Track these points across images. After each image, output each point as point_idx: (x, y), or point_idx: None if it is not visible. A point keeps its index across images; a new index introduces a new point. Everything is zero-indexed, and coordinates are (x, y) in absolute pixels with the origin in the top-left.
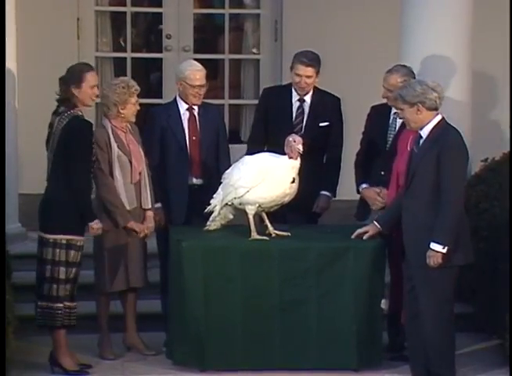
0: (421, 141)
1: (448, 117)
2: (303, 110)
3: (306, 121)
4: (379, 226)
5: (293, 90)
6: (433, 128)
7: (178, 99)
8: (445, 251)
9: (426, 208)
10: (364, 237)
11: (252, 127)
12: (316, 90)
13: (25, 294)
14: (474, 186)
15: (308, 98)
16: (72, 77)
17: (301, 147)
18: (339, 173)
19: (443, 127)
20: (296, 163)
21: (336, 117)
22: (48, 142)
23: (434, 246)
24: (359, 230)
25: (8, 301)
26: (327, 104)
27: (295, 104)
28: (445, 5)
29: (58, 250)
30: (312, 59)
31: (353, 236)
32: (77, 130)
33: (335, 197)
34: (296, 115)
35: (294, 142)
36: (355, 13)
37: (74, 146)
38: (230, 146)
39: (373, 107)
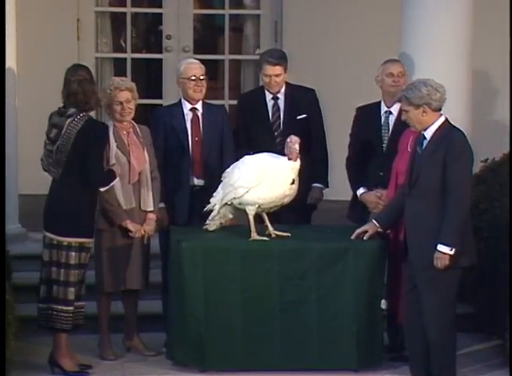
0: (425, 142)
1: (448, 117)
2: (278, 106)
3: (283, 117)
4: (378, 225)
5: (265, 90)
6: (437, 129)
7: (182, 100)
8: (452, 252)
9: (432, 209)
10: (364, 237)
11: (234, 135)
12: (288, 85)
13: (25, 294)
14: (474, 186)
15: (281, 94)
16: (92, 78)
17: (297, 147)
18: (328, 164)
19: (448, 128)
20: (296, 164)
21: (313, 108)
22: (53, 143)
23: (441, 248)
24: (358, 230)
25: (8, 302)
26: (302, 97)
27: (269, 103)
28: (444, 5)
29: (73, 253)
30: (279, 58)
31: (353, 237)
32: (97, 132)
33: (327, 187)
34: (272, 113)
35: (291, 142)
36: (355, 14)
37: (94, 146)
38: None
39: (359, 108)
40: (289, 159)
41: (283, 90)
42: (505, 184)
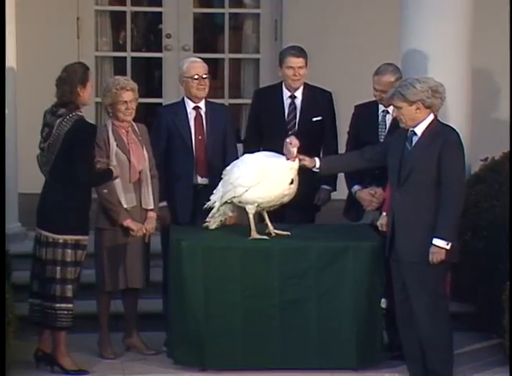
0: (415, 138)
1: (448, 117)
2: (295, 106)
3: (299, 117)
4: (317, 165)
5: (283, 88)
6: (427, 126)
7: (185, 98)
8: (448, 247)
9: (423, 204)
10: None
11: (246, 130)
12: (307, 86)
13: (25, 293)
14: (473, 185)
15: (298, 94)
16: (77, 76)
17: (295, 151)
18: None
19: (439, 125)
20: (294, 164)
21: (328, 111)
22: (44, 142)
23: (438, 242)
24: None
25: (8, 301)
26: (319, 99)
27: (287, 101)
28: (445, 5)
29: (69, 250)
30: (301, 50)
31: (288, 157)
32: (84, 132)
33: (335, 190)
34: (288, 112)
35: (291, 144)
36: (355, 13)
37: (81, 147)
38: None
39: (357, 106)
40: (287, 159)
41: (300, 90)
42: (505, 183)
